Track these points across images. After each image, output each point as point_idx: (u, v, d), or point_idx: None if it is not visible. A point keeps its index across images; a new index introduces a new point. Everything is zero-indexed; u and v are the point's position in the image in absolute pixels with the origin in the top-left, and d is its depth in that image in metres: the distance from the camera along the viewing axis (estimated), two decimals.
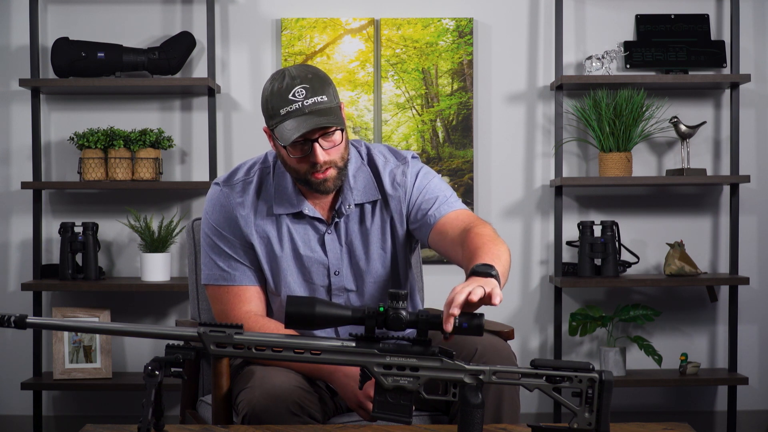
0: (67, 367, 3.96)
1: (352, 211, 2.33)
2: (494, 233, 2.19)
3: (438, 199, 2.34)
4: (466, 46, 4.11)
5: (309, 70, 2.22)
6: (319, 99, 2.18)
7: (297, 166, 2.23)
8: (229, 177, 2.36)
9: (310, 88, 2.18)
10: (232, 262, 2.32)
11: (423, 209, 2.33)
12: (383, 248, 2.35)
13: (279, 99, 2.18)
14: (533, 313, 4.20)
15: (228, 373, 2.25)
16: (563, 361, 1.82)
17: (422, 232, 2.34)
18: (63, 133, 4.12)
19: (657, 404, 4.23)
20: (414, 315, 1.79)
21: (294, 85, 2.18)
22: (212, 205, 2.35)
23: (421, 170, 2.39)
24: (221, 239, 2.33)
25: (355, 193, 2.33)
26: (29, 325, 1.83)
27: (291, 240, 2.32)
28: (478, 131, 4.15)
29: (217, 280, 2.34)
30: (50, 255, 4.13)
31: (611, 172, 3.97)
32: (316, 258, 2.32)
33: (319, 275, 2.33)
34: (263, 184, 2.34)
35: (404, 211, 2.35)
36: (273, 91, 2.20)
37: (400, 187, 2.35)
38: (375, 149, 2.40)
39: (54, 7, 4.12)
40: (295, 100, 2.17)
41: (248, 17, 4.14)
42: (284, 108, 2.18)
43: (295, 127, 2.16)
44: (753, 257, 4.21)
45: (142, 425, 1.73)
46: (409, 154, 2.40)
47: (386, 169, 2.37)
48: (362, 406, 2.17)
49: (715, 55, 4.11)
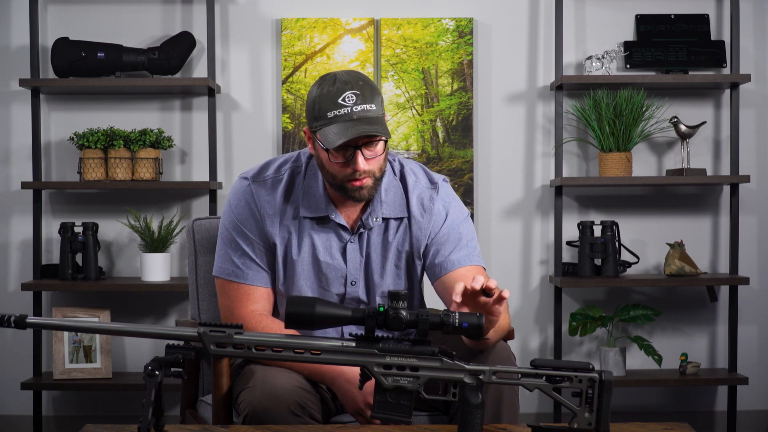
0: (67, 367, 3.96)
1: (377, 224, 2.32)
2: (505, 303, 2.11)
3: (460, 246, 2.30)
4: (466, 46, 4.11)
5: (360, 77, 2.19)
6: (369, 107, 2.16)
7: (336, 171, 2.20)
8: (259, 173, 2.33)
9: (361, 94, 2.16)
10: (247, 260, 2.30)
11: (444, 250, 2.30)
12: (398, 265, 2.33)
13: (328, 102, 2.16)
14: (533, 313, 4.20)
15: (228, 373, 2.25)
16: (563, 361, 1.83)
17: (433, 273, 2.32)
18: (63, 133, 4.12)
19: (657, 404, 4.23)
20: (414, 315, 1.80)
21: (345, 90, 2.16)
22: (237, 199, 2.32)
23: (452, 204, 2.35)
24: (241, 236, 2.30)
25: (385, 207, 2.31)
26: (29, 325, 1.83)
27: (311, 245, 2.30)
28: (478, 131, 4.15)
29: (228, 275, 2.31)
30: (50, 255, 4.13)
31: (611, 172, 3.97)
32: (335, 265, 2.30)
33: (336, 283, 2.31)
34: (293, 184, 2.31)
35: (424, 242, 2.32)
36: (322, 93, 2.17)
37: (425, 214, 2.32)
38: (407, 166, 2.37)
39: (54, 7, 4.12)
40: (344, 105, 2.15)
41: (248, 17, 4.14)
42: (332, 111, 2.15)
43: (341, 132, 2.14)
44: (753, 257, 4.21)
45: (142, 425, 1.73)
46: (440, 178, 2.37)
47: (416, 190, 2.34)
48: (361, 413, 2.17)
49: (715, 55, 4.11)
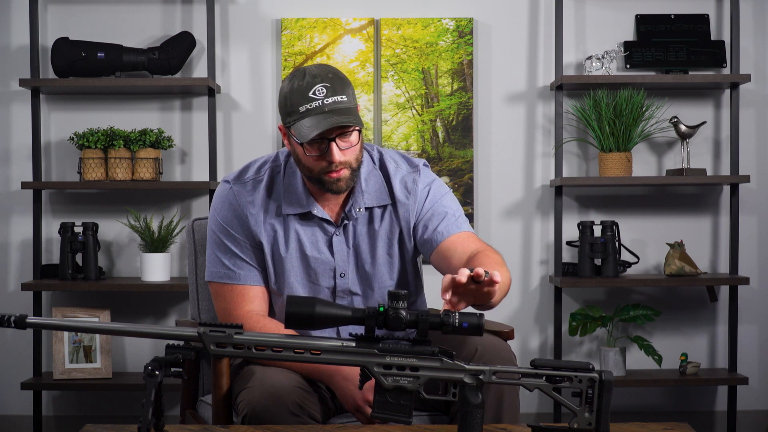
0: (67, 367, 3.96)
1: (362, 215, 2.33)
2: (501, 260, 2.17)
3: (447, 216, 2.32)
4: (466, 46, 4.11)
5: (329, 70, 2.21)
6: (340, 98, 2.18)
7: (312, 165, 2.22)
8: (240, 175, 2.35)
9: (331, 87, 2.17)
10: (237, 260, 2.32)
11: (431, 224, 2.32)
12: (389, 253, 2.34)
13: (299, 96, 2.17)
14: (533, 313, 4.20)
15: (228, 373, 2.25)
16: (563, 361, 1.83)
17: (426, 249, 2.33)
18: (63, 133, 4.12)
19: (657, 404, 4.23)
20: (414, 315, 1.79)
21: (314, 84, 2.17)
22: (221, 202, 2.34)
23: (434, 183, 2.37)
24: (228, 237, 2.32)
25: (366, 197, 2.32)
26: (29, 325, 1.83)
27: (298, 240, 2.31)
28: (478, 131, 4.15)
29: (221, 278, 2.33)
30: (50, 255, 4.13)
31: (611, 172, 3.97)
32: (323, 259, 2.32)
33: (325, 277, 2.32)
34: (273, 183, 2.33)
35: (412, 221, 2.34)
36: (293, 88, 2.19)
37: (410, 196, 2.34)
38: (387, 154, 2.39)
39: (54, 7, 4.12)
40: (315, 98, 2.16)
41: (248, 17, 4.14)
42: (304, 105, 2.17)
43: (314, 125, 2.15)
44: (753, 257, 4.21)
45: (142, 425, 1.73)
46: (421, 162, 2.39)
47: (397, 175, 2.35)
48: (360, 410, 2.17)
49: (715, 55, 4.11)
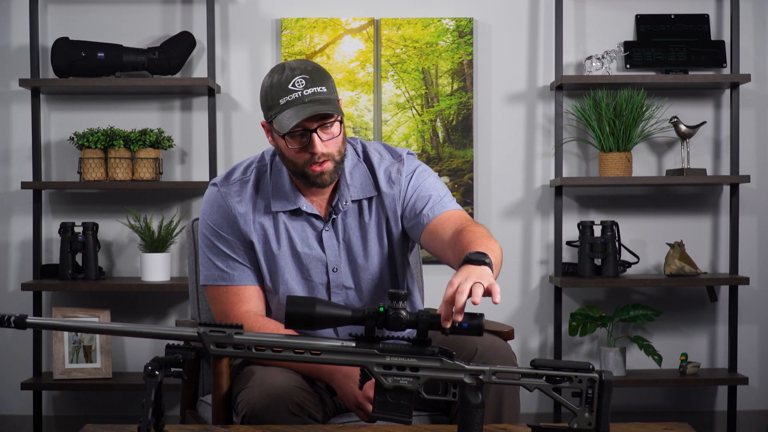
0: (67, 367, 3.96)
1: (349, 208, 2.33)
2: (487, 232, 2.18)
3: (432, 198, 2.32)
4: (466, 46, 4.11)
5: (308, 63, 2.23)
6: (319, 89, 2.19)
7: (295, 158, 2.23)
8: (226, 177, 2.35)
9: (310, 79, 2.19)
10: (230, 261, 2.32)
11: (417, 208, 2.32)
12: (380, 245, 2.34)
13: (279, 89, 2.19)
14: (533, 313, 4.20)
15: (228, 373, 2.25)
16: (563, 361, 1.82)
17: (415, 232, 2.33)
18: (63, 133, 4.12)
19: (657, 404, 4.23)
20: (414, 315, 1.79)
21: (294, 76, 2.18)
22: (210, 205, 2.34)
23: (417, 168, 2.38)
24: (219, 240, 2.32)
25: (352, 190, 2.33)
26: (29, 325, 1.83)
27: (288, 237, 2.31)
28: (478, 131, 4.15)
29: (216, 281, 2.33)
30: (50, 255, 4.13)
31: (611, 172, 3.97)
32: (314, 255, 2.32)
33: (318, 272, 2.33)
34: (260, 183, 2.33)
35: (399, 209, 2.34)
36: (272, 83, 2.20)
37: (395, 185, 2.34)
38: (370, 146, 2.39)
39: (54, 7, 4.12)
40: (294, 90, 2.18)
41: (248, 17, 4.14)
42: (284, 98, 2.18)
43: (294, 115, 2.16)
44: (753, 257, 4.21)
45: (142, 425, 1.73)
46: (404, 151, 2.39)
47: (381, 166, 2.36)
48: (361, 407, 2.17)
49: (715, 55, 4.10)
